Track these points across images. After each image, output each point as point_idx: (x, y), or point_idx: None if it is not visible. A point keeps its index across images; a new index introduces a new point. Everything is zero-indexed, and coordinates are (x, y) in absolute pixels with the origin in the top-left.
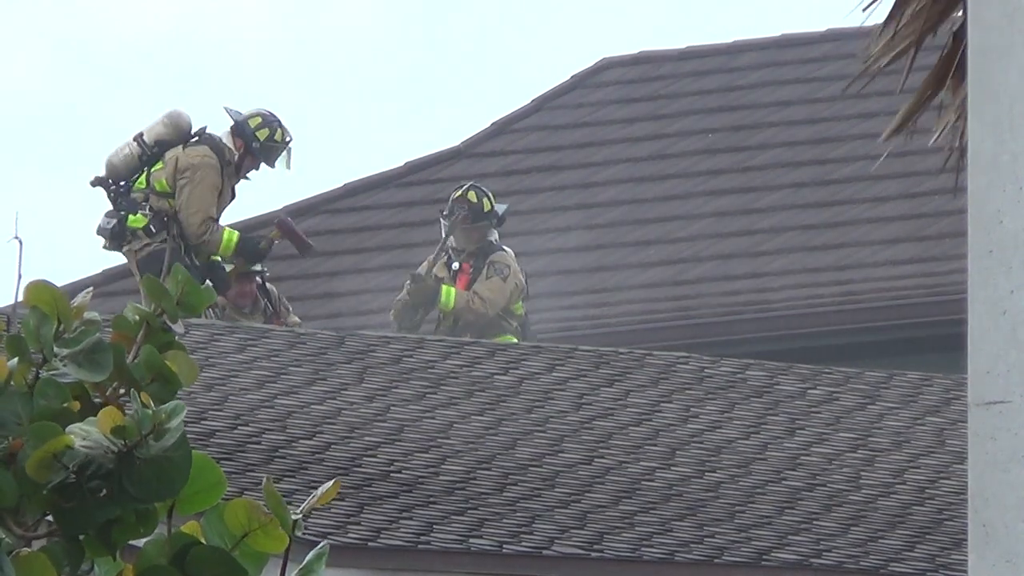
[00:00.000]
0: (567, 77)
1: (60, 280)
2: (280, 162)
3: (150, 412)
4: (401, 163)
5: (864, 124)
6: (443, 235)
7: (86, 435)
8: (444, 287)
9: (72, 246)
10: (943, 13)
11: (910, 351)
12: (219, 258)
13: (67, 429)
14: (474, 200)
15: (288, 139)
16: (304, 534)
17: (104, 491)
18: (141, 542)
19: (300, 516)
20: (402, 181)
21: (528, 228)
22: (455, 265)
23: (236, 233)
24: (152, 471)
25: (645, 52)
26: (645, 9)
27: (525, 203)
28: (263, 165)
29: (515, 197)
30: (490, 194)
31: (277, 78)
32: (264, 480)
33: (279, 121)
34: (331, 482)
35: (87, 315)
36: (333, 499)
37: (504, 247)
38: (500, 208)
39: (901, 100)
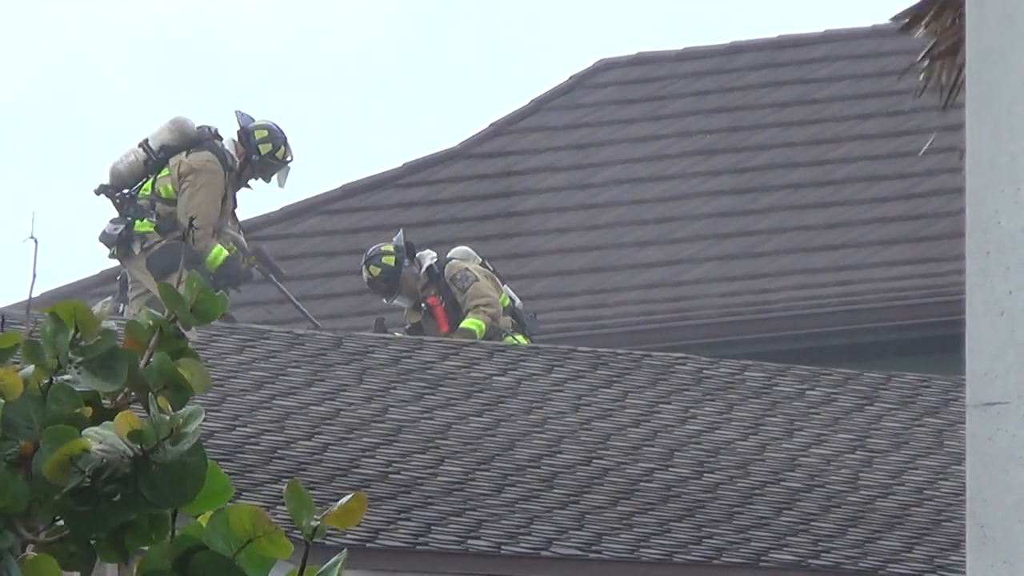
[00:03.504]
0: (565, 78)
1: (59, 281)
2: (275, 179)
3: (167, 417)
4: (399, 164)
5: (862, 125)
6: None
7: (102, 439)
8: (475, 325)
9: (71, 247)
10: None
11: (909, 352)
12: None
13: (83, 433)
14: (377, 273)
15: (289, 159)
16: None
17: (118, 495)
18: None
19: (319, 522)
20: (400, 182)
21: (527, 229)
22: (423, 305)
23: (225, 252)
24: (167, 476)
25: (643, 53)
26: (643, 10)
27: (523, 204)
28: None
29: (513, 198)
30: (381, 247)
31: (276, 78)
32: (289, 482)
33: (285, 139)
34: (352, 495)
35: (104, 324)
36: (360, 514)
37: (448, 256)
38: (400, 242)
39: (901, 102)
